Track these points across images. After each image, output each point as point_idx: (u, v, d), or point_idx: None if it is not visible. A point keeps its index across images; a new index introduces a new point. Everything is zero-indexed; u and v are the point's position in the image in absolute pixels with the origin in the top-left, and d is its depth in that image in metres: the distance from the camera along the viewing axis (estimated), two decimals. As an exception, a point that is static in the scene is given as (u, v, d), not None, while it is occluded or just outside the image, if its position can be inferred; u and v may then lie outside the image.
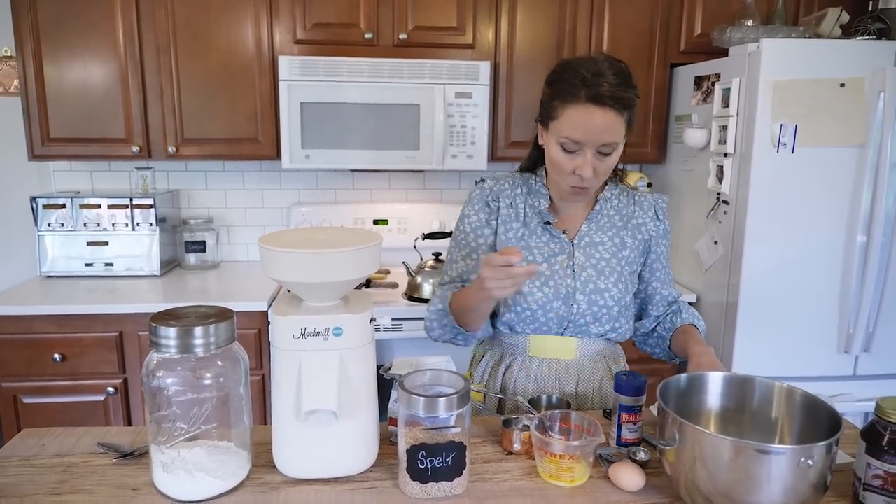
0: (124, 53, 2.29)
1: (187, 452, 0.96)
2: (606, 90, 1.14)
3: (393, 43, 2.39)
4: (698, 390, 1.04)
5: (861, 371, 2.18)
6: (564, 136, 1.18)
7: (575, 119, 1.16)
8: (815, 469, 0.81)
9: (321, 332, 0.95)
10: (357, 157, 2.37)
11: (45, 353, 2.14)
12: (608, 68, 1.16)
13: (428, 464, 0.95)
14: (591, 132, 1.16)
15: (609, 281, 1.33)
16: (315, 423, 0.97)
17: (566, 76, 1.19)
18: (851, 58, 1.98)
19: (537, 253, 1.33)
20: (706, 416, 1.05)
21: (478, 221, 1.36)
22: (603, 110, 1.14)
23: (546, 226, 1.34)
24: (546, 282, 1.30)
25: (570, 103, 1.17)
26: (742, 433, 1.02)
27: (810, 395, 0.99)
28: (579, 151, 1.18)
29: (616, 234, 1.36)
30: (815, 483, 0.84)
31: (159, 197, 2.53)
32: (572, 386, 1.34)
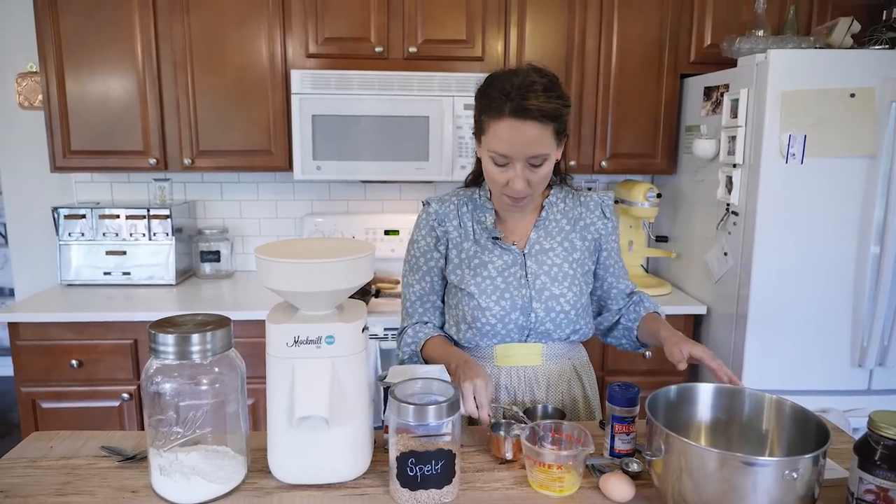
0: (142, 68, 2.36)
1: (185, 456, 0.99)
2: (530, 103, 1.15)
3: (403, 56, 2.43)
4: (688, 402, 1.05)
5: (876, 385, 2.15)
6: (492, 150, 1.21)
7: (500, 134, 1.18)
8: (801, 482, 0.81)
9: (314, 341, 0.98)
10: (367, 168, 2.40)
11: (62, 360, 2.20)
12: (533, 80, 1.17)
13: (417, 471, 0.96)
14: (516, 146, 1.18)
15: (563, 286, 1.34)
16: (308, 429, 0.99)
17: (490, 91, 1.21)
18: (862, 67, 1.97)
19: (492, 268, 1.34)
20: (696, 427, 1.05)
21: (426, 246, 1.39)
22: (526, 124, 1.16)
23: (495, 241, 1.36)
24: (502, 294, 1.32)
25: (494, 118, 1.19)
26: (731, 445, 1.02)
27: (800, 407, 0.99)
28: (509, 165, 1.21)
29: (565, 239, 1.37)
30: (801, 496, 0.83)
31: (176, 208, 2.59)
32: (542, 391, 1.36)
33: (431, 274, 1.40)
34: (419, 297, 1.41)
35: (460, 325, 1.36)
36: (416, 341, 1.37)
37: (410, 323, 1.43)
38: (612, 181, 2.80)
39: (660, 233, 2.76)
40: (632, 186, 2.54)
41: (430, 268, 1.40)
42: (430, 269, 1.40)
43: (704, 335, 2.40)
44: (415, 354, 1.37)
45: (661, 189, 2.75)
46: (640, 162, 2.59)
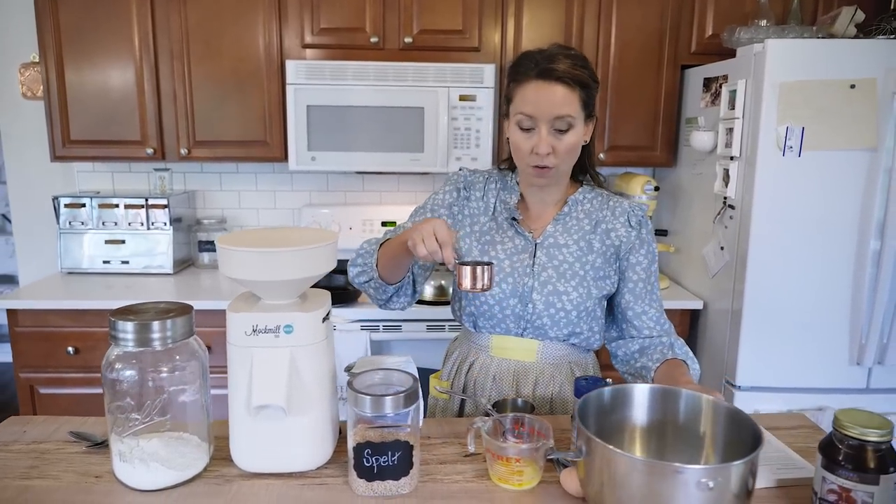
0: (140, 59, 2.38)
1: (145, 443, 0.99)
2: (556, 66, 1.19)
3: (399, 46, 2.42)
4: (623, 404, 1.01)
5: (875, 384, 2.10)
6: (518, 112, 1.22)
7: (526, 94, 1.21)
8: (718, 492, 0.77)
9: (272, 330, 0.97)
10: (362, 160, 2.40)
11: (59, 346, 2.24)
12: (561, 52, 1.22)
13: (374, 462, 0.96)
14: (540, 105, 1.20)
15: (569, 284, 1.30)
16: (266, 418, 0.99)
17: (521, 61, 1.25)
18: (863, 58, 1.92)
19: (500, 249, 1.33)
20: (630, 430, 1.01)
21: (441, 201, 1.38)
22: (551, 84, 1.19)
23: (513, 221, 1.34)
24: (505, 278, 1.31)
25: (522, 82, 1.22)
26: (665, 448, 0.99)
27: (734, 410, 0.95)
28: (534, 130, 1.22)
29: (582, 238, 1.34)
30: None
31: (175, 197, 2.61)
32: (529, 388, 1.33)
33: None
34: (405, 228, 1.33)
35: (462, 302, 1.37)
36: (377, 240, 1.31)
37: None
38: (611, 174, 2.77)
39: (659, 226, 2.73)
40: (630, 179, 2.51)
41: (434, 215, 1.36)
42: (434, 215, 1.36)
43: (700, 331, 2.37)
44: (370, 251, 1.29)
45: (661, 182, 2.72)
46: (639, 154, 2.56)
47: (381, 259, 1.26)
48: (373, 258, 1.27)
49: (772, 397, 2.08)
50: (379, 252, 1.27)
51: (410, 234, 1.11)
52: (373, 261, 1.27)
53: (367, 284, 1.31)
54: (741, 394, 2.10)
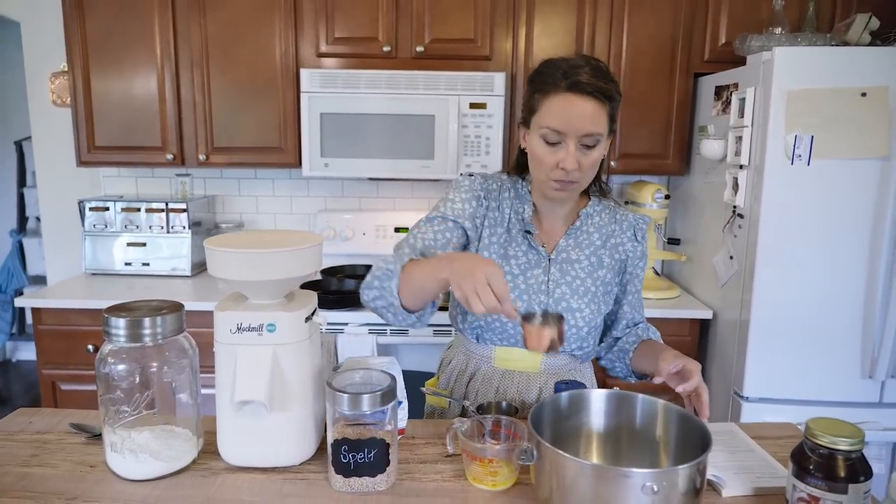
0: (161, 68, 2.47)
1: (137, 435, 1.04)
2: (587, 80, 1.13)
3: (411, 55, 2.46)
4: (580, 410, 1.02)
5: (888, 398, 2.05)
6: (545, 126, 1.16)
7: (555, 108, 1.15)
8: (664, 495, 0.77)
9: (255, 328, 1.01)
10: (373, 166, 2.44)
11: (80, 344, 2.32)
12: (587, 63, 1.16)
13: (351, 458, 0.98)
14: (572, 121, 1.14)
15: (582, 301, 1.30)
16: (250, 414, 1.02)
17: (545, 70, 1.19)
18: (875, 66, 1.89)
19: (514, 264, 1.29)
20: (587, 435, 1.02)
21: (461, 211, 1.28)
22: (583, 99, 1.13)
23: (526, 235, 1.31)
24: (520, 296, 1.28)
25: (549, 94, 1.16)
26: (620, 453, 0.99)
27: (685, 414, 0.96)
28: (561, 144, 1.16)
29: (594, 253, 1.33)
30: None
31: (195, 202, 2.69)
32: (533, 397, 1.33)
33: (452, 233, 1.26)
34: (425, 246, 1.23)
35: (466, 315, 1.32)
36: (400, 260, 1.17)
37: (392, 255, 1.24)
38: (624, 182, 2.76)
39: (672, 235, 2.71)
40: (641, 187, 2.50)
41: (455, 228, 1.27)
42: (455, 227, 1.27)
43: (710, 341, 2.35)
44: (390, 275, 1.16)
45: (674, 191, 2.70)
46: (651, 163, 2.55)
47: (403, 286, 1.14)
48: (392, 282, 1.15)
49: (780, 409, 2.04)
50: (400, 276, 1.15)
51: (458, 282, 0.99)
52: (393, 286, 1.15)
53: (385, 310, 1.20)
54: (749, 405, 2.07)
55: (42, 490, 0.99)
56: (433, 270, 1.07)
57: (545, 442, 0.85)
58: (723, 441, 1.17)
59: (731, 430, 1.22)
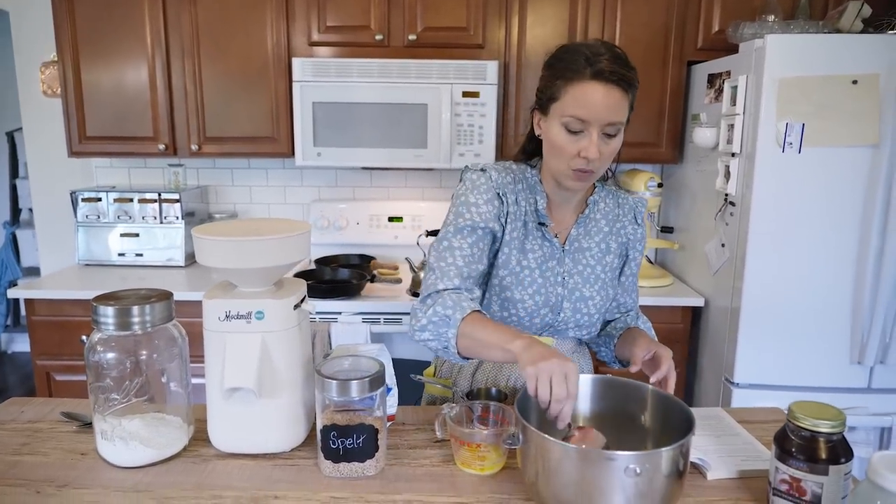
0: (152, 57, 2.45)
1: (127, 422, 1.04)
2: (613, 67, 1.10)
3: (403, 44, 2.45)
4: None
5: (877, 384, 2.07)
6: (569, 115, 1.13)
7: (579, 96, 1.11)
8: (647, 477, 0.78)
9: (244, 316, 1.02)
10: (366, 155, 2.44)
11: (73, 335, 2.32)
12: (609, 50, 1.14)
13: (339, 444, 0.99)
14: (596, 109, 1.11)
15: (594, 289, 1.30)
16: (239, 400, 1.03)
17: (567, 56, 1.15)
18: (867, 53, 1.89)
19: (532, 257, 1.27)
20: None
21: (487, 213, 1.23)
22: (607, 87, 1.10)
23: (541, 227, 1.28)
24: (538, 290, 1.27)
25: (573, 81, 1.12)
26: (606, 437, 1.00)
27: (669, 398, 0.97)
28: (584, 132, 1.13)
29: (603, 240, 1.32)
30: (645, 493, 0.81)
31: (187, 192, 2.68)
32: None
33: (485, 242, 1.23)
34: (467, 263, 1.20)
35: (490, 301, 1.30)
36: (460, 308, 1.11)
37: (448, 287, 1.17)
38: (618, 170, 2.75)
39: (666, 223, 2.72)
40: (634, 176, 2.51)
41: (486, 234, 1.23)
42: (485, 237, 1.23)
43: (702, 328, 2.36)
44: (448, 322, 1.11)
45: (667, 179, 2.70)
46: (644, 151, 2.55)
47: (462, 339, 1.10)
48: (450, 331, 1.11)
49: (770, 395, 2.06)
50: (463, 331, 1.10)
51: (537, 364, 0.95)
52: (450, 335, 1.11)
53: (439, 351, 1.16)
54: (739, 391, 2.09)
55: (33, 478, 1.00)
56: (503, 343, 1.04)
57: (530, 426, 0.86)
58: (709, 425, 1.18)
59: (718, 415, 1.23)
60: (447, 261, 1.20)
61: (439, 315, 1.12)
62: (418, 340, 1.17)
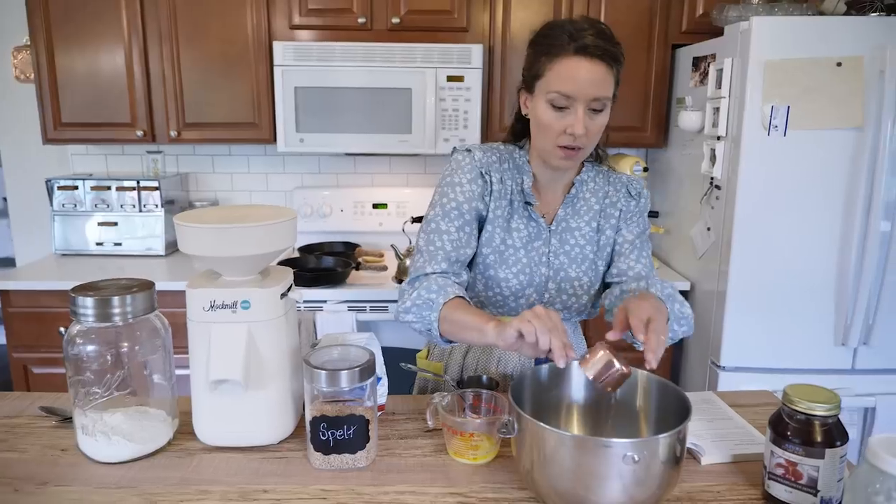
0: (129, 41, 2.38)
1: (109, 417, 1.01)
2: (596, 42, 1.10)
3: (387, 27, 2.40)
4: (561, 381, 1.01)
5: (860, 365, 2.09)
6: (554, 90, 1.12)
7: (563, 72, 1.11)
8: (644, 464, 0.77)
9: (229, 305, 0.99)
10: (349, 141, 2.40)
11: (51, 327, 2.27)
12: (593, 25, 1.14)
13: (330, 436, 0.97)
14: (581, 84, 1.11)
15: (581, 269, 1.29)
16: (225, 392, 1.00)
17: (550, 33, 1.15)
18: (851, 36, 1.89)
19: (517, 237, 1.27)
20: (567, 406, 1.02)
21: (471, 192, 1.23)
22: (592, 62, 1.10)
23: (527, 206, 1.28)
24: (522, 269, 1.27)
25: (557, 56, 1.12)
26: (602, 424, 0.99)
27: (665, 383, 0.96)
28: (569, 108, 1.13)
29: (593, 219, 1.31)
30: (643, 480, 0.79)
31: (167, 180, 2.62)
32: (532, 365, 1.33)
33: (472, 225, 1.24)
34: (455, 247, 1.21)
35: (475, 284, 1.30)
36: (444, 293, 1.12)
37: (436, 271, 1.19)
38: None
39: (651, 208, 2.70)
40: (619, 160, 2.49)
41: (472, 217, 1.24)
42: (472, 218, 1.24)
43: (688, 312, 2.37)
44: (431, 306, 1.12)
45: (652, 164, 2.70)
46: (629, 135, 2.54)
47: (444, 323, 1.11)
48: (432, 314, 1.12)
49: (756, 378, 2.07)
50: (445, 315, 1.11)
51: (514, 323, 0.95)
52: (433, 318, 1.12)
53: (422, 333, 1.18)
54: (725, 374, 2.10)
55: (11, 475, 0.97)
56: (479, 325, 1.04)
57: (525, 414, 0.84)
58: (702, 409, 1.18)
59: (710, 399, 1.23)
60: (435, 244, 1.22)
61: (423, 298, 1.14)
62: (403, 321, 1.19)
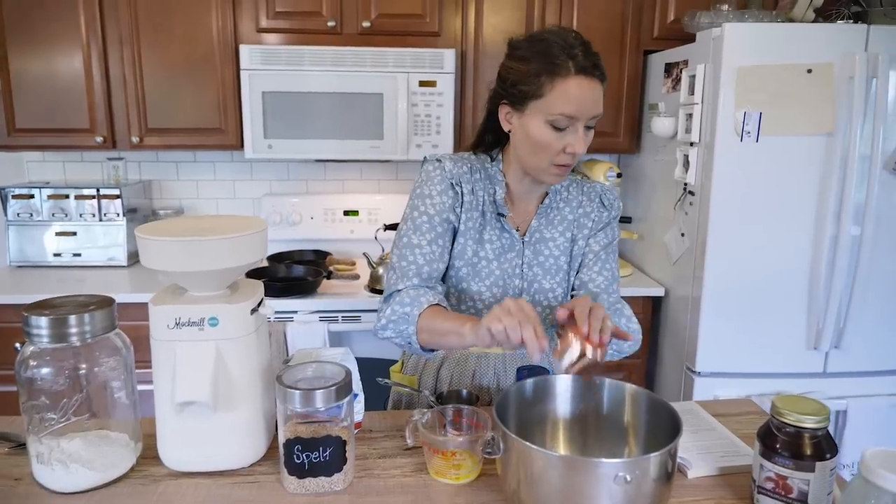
0: (87, 43, 2.29)
1: (66, 443, 0.95)
2: (590, 60, 1.10)
3: (357, 31, 2.36)
4: (546, 396, 0.98)
5: (831, 368, 2.11)
6: (557, 112, 1.09)
7: (568, 93, 1.09)
8: (636, 484, 0.75)
9: (196, 322, 0.93)
10: (320, 147, 2.35)
11: (6, 343, 2.16)
12: (581, 41, 1.12)
13: (304, 458, 0.92)
14: (585, 105, 1.10)
15: (554, 280, 1.27)
16: (193, 415, 0.95)
17: (544, 49, 1.11)
18: (820, 43, 1.91)
19: (489, 248, 1.25)
20: (553, 422, 0.99)
21: (441, 204, 1.21)
22: (592, 81, 1.10)
23: (500, 218, 1.25)
24: (496, 282, 1.25)
25: (559, 76, 1.09)
26: (588, 440, 0.97)
27: (655, 398, 0.93)
28: (570, 128, 1.11)
29: (567, 230, 1.30)
30: (634, 499, 0.77)
31: (129, 188, 2.53)
32: (511, 380, 1.30)
33: (445, 238, 1.22)
34: (428, 261, 1.19)
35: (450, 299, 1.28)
36: (417, 304, 1.13)
37: (409, 285, 1.19)
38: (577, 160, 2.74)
39: (624, 213, 2.71)
40: (593, 166, 2.49)
41: (445, 230, 1.22)
42: (445, 231, 1.22)
43: (662, 318, 2.37)
44: (407, 319, 1.13)
45: (625, 169, 2.70)
46: (601, 141, 2.53)
47: (422, 334, 1.12)
48: (409, 328, 1.13)
49: (731, 383, 2.08)
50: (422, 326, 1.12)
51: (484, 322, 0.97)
52: (411, 332, 1.13)
53: (404, 347, 1.19)
54: (701, 380, 2.10)
55: (-42, 510, 0.90)
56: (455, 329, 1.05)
57: (511, 433, 0.81)
58: (685, 420, 1.14)
59: (693, 409, 1.22)
60: (407, 259, 1.20)
61: (398, 314, 1.14)
62: (382, 338, 1.19)
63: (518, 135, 1.18)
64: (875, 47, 1.90)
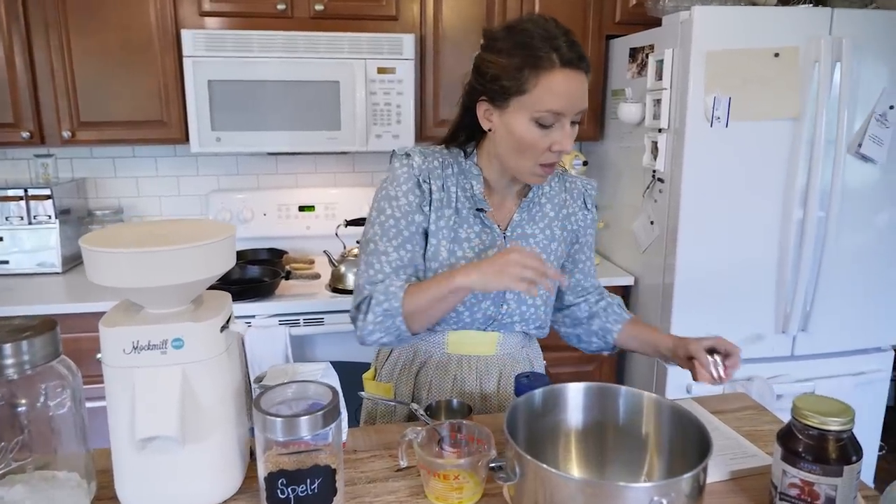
0: (7, 29, 2.07)
1: (7, 491, 0.81)
2: (575, 52, 1.03)
3: (309, 14, 2.22)
4: (557, 406, 0.91)
5: (799, 351, 2.13)
6: (544, 109, 1.03)
7: (554, 88, 1.02)
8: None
9: (157, 345, 0.81)
10: (274, 139, 2.20)
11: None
12: (562, 29, 1.05)
13: (290, 493, 0.82)
14: (572, 99, 1.04)
15: None
16: (156, 450, 0.83)
17: (527, 40, 1.03)
18: (787, 26, 1.90)
19: (467, 246, 1.17)
20: (566, 434, 0.92)
21: (407, 206, 1.15)
22: (578, 74, 1.04)
23: (479, 213, 1.18)
24: None
25: (545, 70, 1.02)
26: (605, 453, 0.90)
27: (679, 408, 0.87)
28: (556, 125, 1.05)
29: (548, 226, 1.23)
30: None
31: (61, 187, 2.32)
32: (493, 383, 1.23)
33: (413, 241, 1.16)
34: (395, 268, 1.14)
35: None
36: (393, 296, 1.09)
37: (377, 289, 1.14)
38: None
39: (588, 202, 2.68)
40: (557, 154, 2.43)
41: (413, 233, 1.15)
42: (413, 234, 1.15)
43: (632, 307, 2.34)
44: (391, 314, 1.09)
45: (589, 156, 2.66)
46: (565, 128, 2.47)
47: (408, 319, 1.09)
48: (396, 320, 1.09)
49: (704, 371, 2.06)
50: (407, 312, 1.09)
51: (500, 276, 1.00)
52: (399, 324, 1.09)
53: (392, 344, 1.16)
54: (673, 369, 2.08)
55: None
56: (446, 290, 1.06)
57: (528, 456, 0.73)
58: (687, 421, 1.10)
59: (691, 407, 1.17)
60: (374, 267, 1.15)
61: (379, 314, 1.10)
62: (370, 344, 1.15)
63: (500, 133, 1.10)
64: (839, 31, 1.90)
